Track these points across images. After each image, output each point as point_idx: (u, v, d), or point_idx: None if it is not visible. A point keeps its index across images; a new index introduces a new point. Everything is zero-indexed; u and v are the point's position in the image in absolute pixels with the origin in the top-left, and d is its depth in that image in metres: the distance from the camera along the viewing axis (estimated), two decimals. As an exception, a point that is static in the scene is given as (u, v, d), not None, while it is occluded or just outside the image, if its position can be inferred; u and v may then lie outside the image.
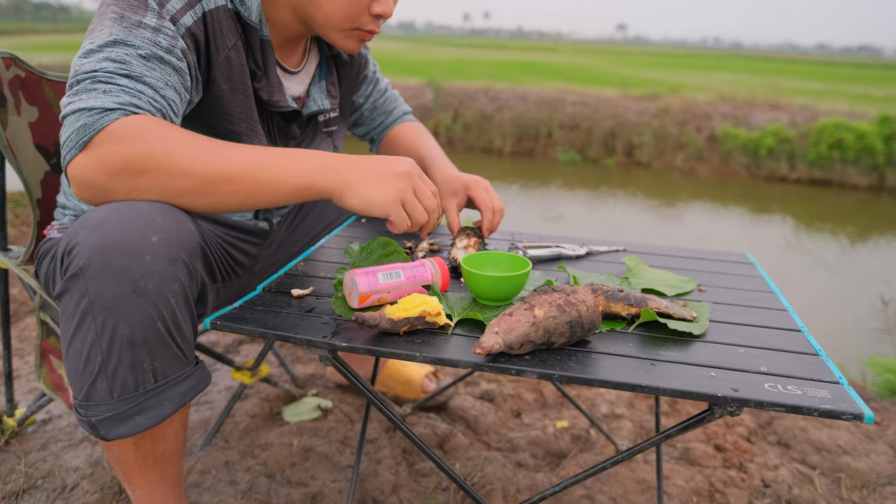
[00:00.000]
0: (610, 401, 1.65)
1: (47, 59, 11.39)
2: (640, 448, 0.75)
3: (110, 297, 0.69)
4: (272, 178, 0.77)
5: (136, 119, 0.74)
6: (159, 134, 0.74)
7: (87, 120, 0.72)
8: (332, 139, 1.18)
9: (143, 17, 0.80)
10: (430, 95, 9.83)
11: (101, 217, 0.71)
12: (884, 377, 1.93)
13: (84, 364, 0.72)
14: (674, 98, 9.78)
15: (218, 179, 0.75)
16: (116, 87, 0.74)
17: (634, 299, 0.84)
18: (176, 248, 0.72)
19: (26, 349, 1.73)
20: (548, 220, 5.91)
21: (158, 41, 0.80)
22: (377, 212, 0.79)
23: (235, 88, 0.93)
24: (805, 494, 1.30)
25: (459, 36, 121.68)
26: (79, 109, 0.73)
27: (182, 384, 0.77)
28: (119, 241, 0.69)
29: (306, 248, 1.22)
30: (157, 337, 0.72)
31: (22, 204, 3.10)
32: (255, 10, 0.91)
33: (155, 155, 0.73)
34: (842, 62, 39.30)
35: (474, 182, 1.11)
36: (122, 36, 0.78)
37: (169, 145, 0.74)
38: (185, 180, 0.74)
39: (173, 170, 0.74)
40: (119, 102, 0.73)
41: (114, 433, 0.74)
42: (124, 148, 0.72)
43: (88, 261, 0.69)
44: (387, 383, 1.54)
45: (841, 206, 7.39)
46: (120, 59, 0.76)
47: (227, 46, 0.90)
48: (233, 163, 0.76)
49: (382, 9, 0.94)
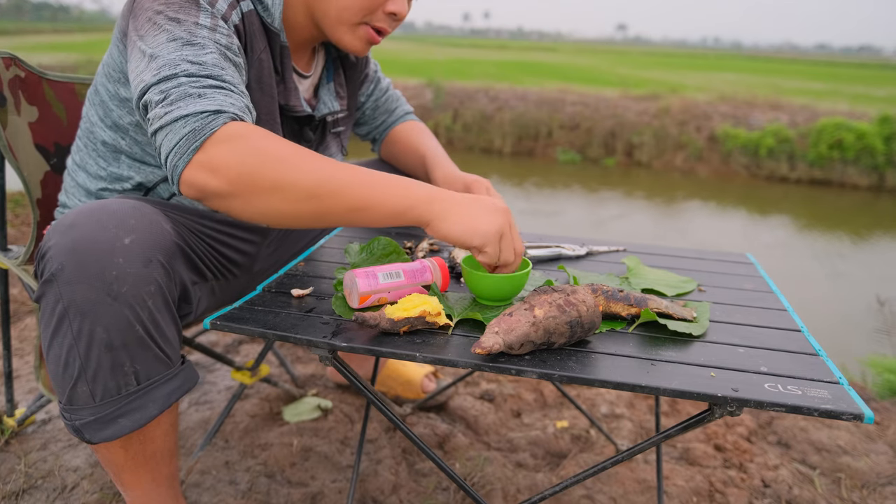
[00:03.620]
0: (610, 401, 1.65)
1: (47, 59, 11.39)
2: (640, 448, 0.75)
3: (84, 301, 0.68)
4: (374, 197, 0.76)
5: (246, 124, 0.75)
6: (274, 141, 0.75)
7: (196, 124, 0.72)
8: (339, 139, 1.18)
9: (197, 17, 0.80)
10: (431, 95, 9.83)
11: (72, 221, 0.70)
12: (884, 377, 1.93)
13: (63, 368, 0.72)
14: (674, 98, 9.78)
15: (323, 192, 0.75)
16: (209, 90, 0.75)
17: (634, 299, 0.84)
18: (150, 249, 0.72)
19: (26, 349, 1.73)
20: (548, 220, 5.91)
21: (218, 40, 0.80)
22: (477, 241, 0.78)
23: (264, 90, 0.93)
24: (805, 494, 1.30)
25: (459, 36, 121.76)
26: (182, 116, 0.72)
27: (166, 385, 0.77)
28: (91, 245, 0.68)
29: (306, 248, 1.22)
30: (137, 339, 0.72)
31: (22, 204, 3.10)
32: (278, 17, 0.92)
33: (272, 160, 0.73)
34: (842, 62, 39.30)
35: (475, 182, 1.11)
36: (186, 37, 0.78)
37: (285, 153, 0.74)
38: (293, 189, 0.74)
39: (286, 177, 0.73)
40: (220, 104, 0.74)
41: (98, 436, 0.74)
42: (243, 149, 0.72)
43: (61, 266, 0.68)
44: (387, 383, 1.54)
45: (841, 206, 7.39)
46: (197, 61, 0.76)
47: (259, 49, 0.91)
48: (338, 177, 0.76)
49: (397, 7, 0.94)
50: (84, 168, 1.01)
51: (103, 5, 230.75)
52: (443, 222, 0.78)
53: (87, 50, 13.97)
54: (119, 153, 0.97)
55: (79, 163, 1.02)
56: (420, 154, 1.23)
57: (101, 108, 0.97)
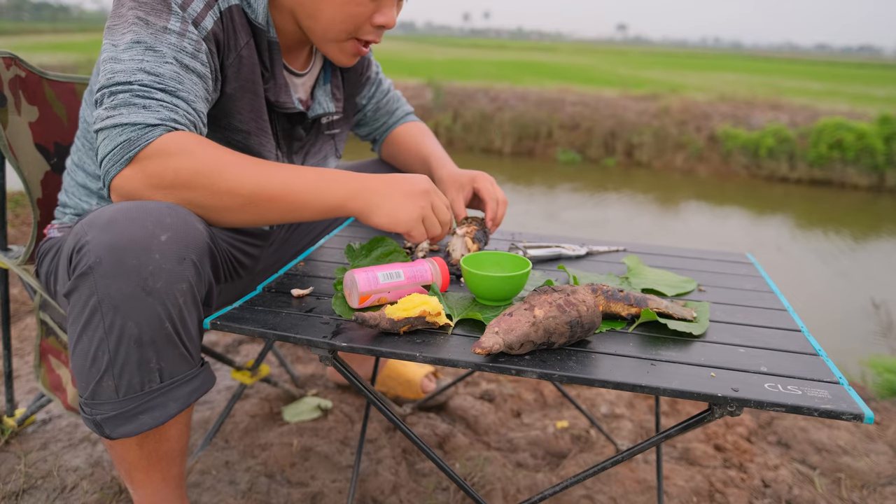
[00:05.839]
0: (610, 401, 1.65)
1: (47, 59, 11.38)
2: (640, 448, 0.75)
3: (119, 295, 0.69)
4: (309, 198, 0.83)
5: (181, 135, 0.77)
6: (206, 151, 0.78)
7: (132, 135, 0.75)
8: (334, 141, 1.18)
9: (166, 21, 0.81)
10: (430, 95, 9.82)
11: (111, 216, 0.71)
12: (884, 377, 1.93)
13: (91, 362, 0.72)
14: (674, 98, 9.78)
15: (260, 198, 0.80)
16: (155, 102, 0.77)
17: (634, 299, 0.84)
18: (185, 248, 0.73)
19: (26, 349, 1.73)
20: (548, 220, 5.91)
21: (184, 47, 0.82)
22: (401, 228, 0.85)
23: (245, 87, 0.93)
24: (805, 494, 1.30)
25: (459, 36, 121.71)
26: (121, 124, 0.76)
27: (187, 385, 0.77)
28: (129, 240, 0.70)
29: (306, 248, 1.22)
30: (165, 336, 0.73)
31: (22, 204, 3.10)
32: (262, 13, 0.91)
33: (204, 172, 0.77)
34: (842, 62, 39.28)
35: (479, 176, 1.13)
36: (149, 41, 0.79)
37: (217, 164, 0.78)
38: (229, 198, 0.79)
39: (220, 187, 0.78)
40: (160, 118, 0.77)
41: (118, 432, 0.75)
42: (174, 163, 0.76)
43: (98, 259, 0.69)
44: (387, 383, 1.54)
45: (841, 206, 7.39)
46: (153, 71, 0.78)
47: (239, 45, 0.91)
48: (274, 183, 0.81)
49: (385, 20, 0.94)
50: (82, 167, 1.01)
51: (103, 5, 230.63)
52: (371, 215, 0.85)
53: (87, 50, 13.97)
54: None
55: (77, 162, 1.02)
56: (422, 155, 1.23)
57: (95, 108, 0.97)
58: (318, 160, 1.16)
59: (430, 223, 0.88)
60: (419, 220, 0.86)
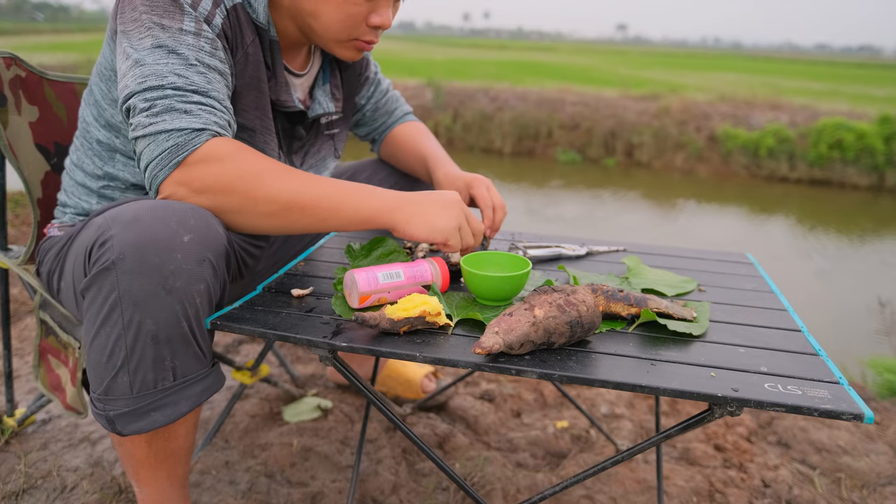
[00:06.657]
0: (610, 401, 1.65)
1: (47, 59, 11.38)
2: (640, 448, 0.75)
3: (140, 292, 0.70)
4: (343, 208, 0.83)
5: (225, 141, 0.79)
6: (247, 158, 0.80)
7: (179, 140, 0.77)
8: (333, 142, 1.18)
9: (181, 23, 0.82)
10: (430, 95, 9.82)
11: (135, 214, 0.72)
12: (884, 377, 1.93)
13: (108, 358, 0.73)
14: (674, 98, 9.77)
15: (296, 206, 0.81)
16: (195, 106, 0.78)
17: (634, 299, 0.84)
18: (205, 249, 0.74)
19: (26, 349, 1.73)
20: (548, 220, 5.91)
21: (202, 46, 0.82)
22: (439, 238, 0.86)
23: (251, 84, 0.94)
24: (805, 494, 1.30)
25: (459, 36, 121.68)
26: (166, 130, 0.77)
27: (199, 384, 0.78)
28: (153, 239, 0.70)
29: (306, 248, 1.22)
30: (181, 335, 0.74)
31: (22, 204, 3.10)
32: (262, 12, 0.92)
33: (245, 177, 0.79)
34: (842, 62, 39.27)
35: (476, 180, 1.11)
36: (170, 45, 0.80)
37: (258, 170, 0.80)
38: (265, 204, 0.80)
39: (259, 194, 0.79)
40: (204, 122, 0.78)
41: (130, 428, 0.75)
42: (217, 168, 0.78)
43: (122, 255, 0.70)
44: (387, 383, 1.54)
45: (841, 205, 7.39)
46: (183, 74, 0.79)
47: (246, 43, 0.92)
48: (312, 192, 0.82)
49: (381, 20, 0.94)
50: (81, 167, 1.01)
51: (103, 5, 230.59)
52: (407, 225, 0.85)
53: (87, 50, 13.96)
54: (114, 152, 0.97)
55: (76, 162, 1.02)
56: (421, 155, 1.23)
57: (96, 108, 0.97)
58: (317, 160, 1.16)
59: (465, 233, 0.89)
60: (456, 230, 0.87)
